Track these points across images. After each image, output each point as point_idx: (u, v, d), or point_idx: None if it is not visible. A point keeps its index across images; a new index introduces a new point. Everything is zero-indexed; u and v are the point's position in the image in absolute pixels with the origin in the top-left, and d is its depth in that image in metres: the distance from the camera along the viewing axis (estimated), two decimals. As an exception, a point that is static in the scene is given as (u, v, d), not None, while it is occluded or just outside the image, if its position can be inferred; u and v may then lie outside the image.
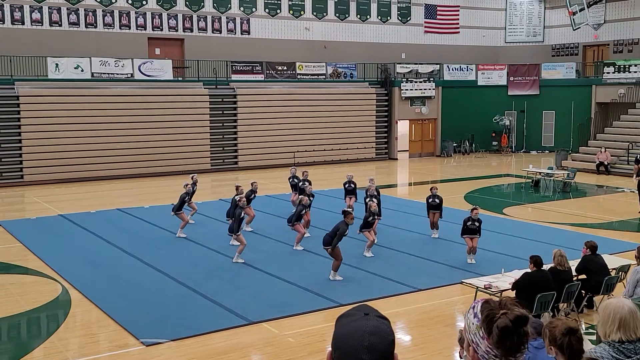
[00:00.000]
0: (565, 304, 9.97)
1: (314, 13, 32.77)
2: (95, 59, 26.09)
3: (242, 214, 13.54)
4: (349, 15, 33.79)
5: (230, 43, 30.39)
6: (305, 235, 15.06)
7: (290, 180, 18.46)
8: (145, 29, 28.75)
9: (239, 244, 13.48)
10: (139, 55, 27.74)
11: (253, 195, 16.32)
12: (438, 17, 36.42)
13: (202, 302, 10.85)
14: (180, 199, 15.82)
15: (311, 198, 15.74)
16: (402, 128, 33.26)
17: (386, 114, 32.65)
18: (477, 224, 13.04)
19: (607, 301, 3.65)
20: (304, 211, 14.64)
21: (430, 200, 15.39)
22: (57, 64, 25.30)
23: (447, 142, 33.94)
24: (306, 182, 17.02)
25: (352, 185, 17.77)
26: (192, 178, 17.35)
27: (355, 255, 13.58)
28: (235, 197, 14.12)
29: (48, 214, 18.58)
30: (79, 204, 20.34)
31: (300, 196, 15.40)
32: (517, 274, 9.96)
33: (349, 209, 12.54)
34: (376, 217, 14.14)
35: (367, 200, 15.17)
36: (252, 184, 16.62)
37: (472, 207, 13.59)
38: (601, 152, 27.04)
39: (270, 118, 29.09)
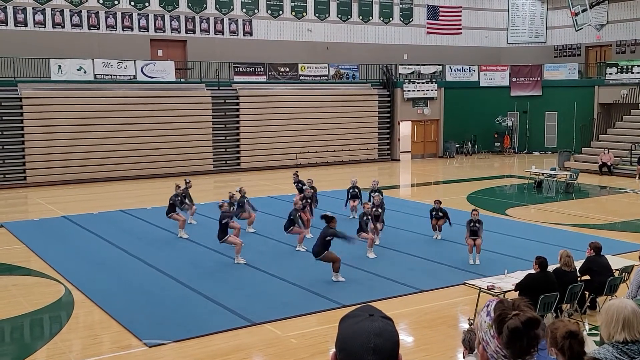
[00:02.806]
0: (569, 304, 9.95)
1: (317, 14, 32.78)
2: (98, 61, 26.13)
3: (228, 221, 13.52)
4: (351, 17, 33.79)
5: (233, 44, 30.41)
6: (307, 236, 15.06)
7: (296, 185, 18.58)
8: (147, 31, 28.78)
9: (233, 244, 13.47)
10: (142, 56, 27.77)
11: (244, 199, 16.37)
12: (440, 18, 36.41)
13: (204, 303, 10.85)
14: (170, 202, 15.95)
15: (309, 201, 15.77)
16: (405, 129, 33.24)
17: (388, 115, 32.64)
18: (477, 225, 13.20)
19: (610, 302, 3.64)
20: (297, 215, 14.48)
21: (434, 213, 15.28)
22: (59, 66, 25.34)
23: (450, 143, 33.91)
24: (306, 185, 17.08)
25: (356, 190, 17.79)
26: (185, 182, 17.39)
27: (358, 256, 13.58)
28: (226, 202, 14.08)
29: (51, 215, 18.60)
30: (81, 205, 20.37)
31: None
32: (520, 275, 9.94)
33: (330, 214, 12.48)
34: (369, 216, 14.03)
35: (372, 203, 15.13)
36: (239, 191, 16.62)
37: (472, 209, 13.78)
38: (604, 153, 27.00)
39: (273, 119, 29.09)
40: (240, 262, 13.19)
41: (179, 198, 16.21)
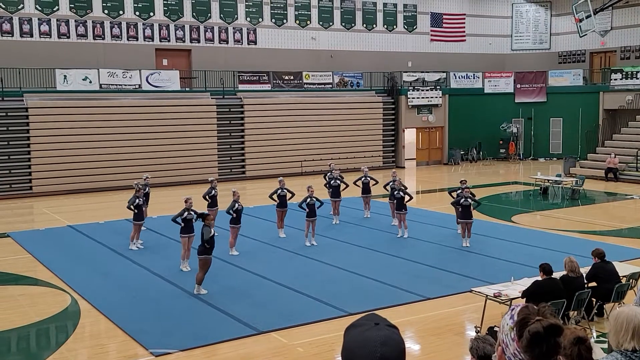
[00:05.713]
0: (576, 311, 9.90)
1: (320, 23, 32.86)
2: (103, 71, 26.24)
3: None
4: (355, 25, 33.86)
5: (237, 53, 30.51)
6: (281, 236, 16.05)
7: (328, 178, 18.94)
8: (152, 40, 28.90)
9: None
10: (147, 66, 27.88)
11: (213, 192, 16.97)
12: (444, 25, 36.46)
13: (210, 312, 10.84)
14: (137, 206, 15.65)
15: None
16: (409, 136, 33.24)
17: (393, 122, 32.65)
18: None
19: (619, 310, 3.61)
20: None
21: (462, 201, 15.15)
22: (65, 76, 25.45)
23: (455, 150, 33.89)
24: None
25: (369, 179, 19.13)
26: (144, 179, 17.88)
27: (364, 263, 13.56)
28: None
29: (57, 225, 18.65)
30: (87, 214, 20.41)
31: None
32: (526, 282, 9.91)
33: (206, 213, 12.49)
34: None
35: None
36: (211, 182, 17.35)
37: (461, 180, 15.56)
38: (611, 157, 26.93)
39: (277, 127, 29.14)
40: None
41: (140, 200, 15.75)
